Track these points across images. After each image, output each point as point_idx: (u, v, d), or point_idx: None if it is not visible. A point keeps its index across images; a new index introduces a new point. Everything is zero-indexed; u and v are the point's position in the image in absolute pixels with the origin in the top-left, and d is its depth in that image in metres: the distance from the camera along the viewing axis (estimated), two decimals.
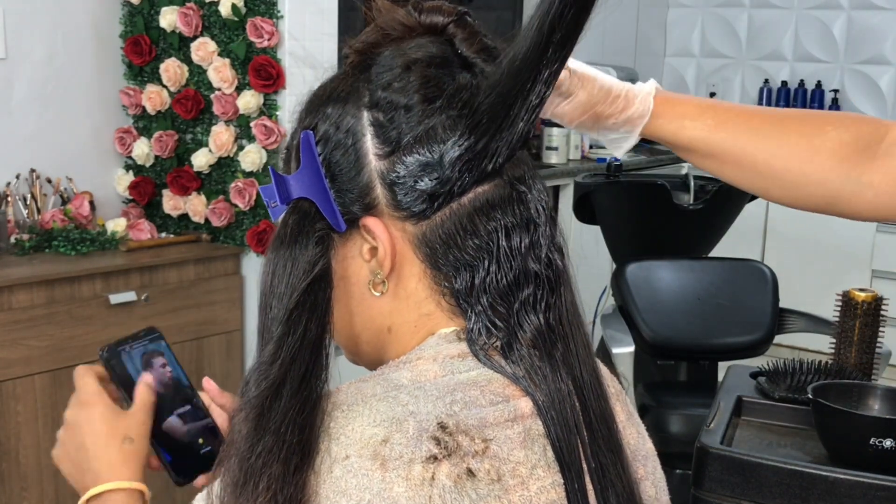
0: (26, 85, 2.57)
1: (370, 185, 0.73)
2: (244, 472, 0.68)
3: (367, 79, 0.74)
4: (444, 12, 0.75)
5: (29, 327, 2.19)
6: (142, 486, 0.85)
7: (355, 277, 0.76)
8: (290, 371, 0.69)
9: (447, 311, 0.74)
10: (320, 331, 0.71)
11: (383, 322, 0.76)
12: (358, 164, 0.73)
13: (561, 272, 0.74)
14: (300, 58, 2.53)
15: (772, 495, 1.47)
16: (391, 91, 0.73)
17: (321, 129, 0.75)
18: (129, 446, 0.86)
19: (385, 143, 0.72)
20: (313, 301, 0.71)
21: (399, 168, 0.72)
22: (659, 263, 2.56)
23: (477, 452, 0.67)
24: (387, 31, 0.76)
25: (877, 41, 4.61)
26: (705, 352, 2.53)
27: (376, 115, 0.73)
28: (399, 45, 0.75)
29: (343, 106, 0.74)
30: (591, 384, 0.74)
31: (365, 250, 0.74)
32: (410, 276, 0.74)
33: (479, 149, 0.71)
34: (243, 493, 0.67)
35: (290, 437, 0.67)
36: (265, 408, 0.69)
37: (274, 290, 0.72)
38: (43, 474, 2.25)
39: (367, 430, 0.66)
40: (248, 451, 0.68)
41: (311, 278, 0.71)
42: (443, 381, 0.70)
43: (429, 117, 0.71)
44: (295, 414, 0.68)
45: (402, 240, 0.73)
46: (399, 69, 0.73)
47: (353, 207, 0.74)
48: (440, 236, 0.72)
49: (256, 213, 2.59)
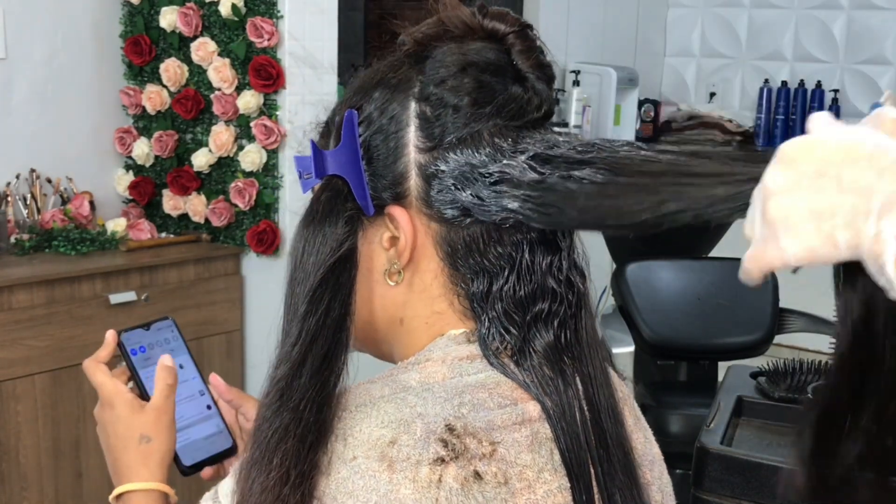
0: (26, 85, 2.56)
1: (405, 175, 0.73)
2: (260, 446, 0.69)
3: (421, 70, 0.74)
4: (507, 21, 0.75)
5: (29, 327, 2.19)
6: (160, 486, 0.86)
7: (373, 264, 0.76)
8: (312, 350, 0.70)
9: (459, 312, 0.74)
10: (343, 311, 0.72)
11: (395, 313, 0.76)
12: (396, 153, 0.73)
13: (581, 294, 0.75)
14: (300, 58, 2.53)
15: (772, 495, 1.47)
16: (444, 88, 0.73)
17: (366, 111, 0.75)
18: (146, 445, 0.87)
19: (428, 137, 0.73)
20: (337, 280, 0.72)
21: (438, 164, 0.72)
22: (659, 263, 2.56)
23: (484, 455, 0.67)
24: (448, 28, 0.75)
25: (877, 41, 4.61)
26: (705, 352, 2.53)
27: (424, 108, 0.73)
28: (459, 45, 0.75)
29: (392, 92, 0.74)
30: (609, 408, 0.74)
31: (385, 238, 0.74)
32: (427, 271, 0.74)
33: (527, 209, 0.69)
34: (257, 468, 0.68)
35: (308, 414, 0.68)
36: (286, 386, 0.69)
37: (303, 265, 0.73)
38: (43, 474, 2.25)
39: (375, 432, 0.66)
40: (267, 427, 0.69)
41: (337, 256, 0.72)
42: (451, 384, 0.70)
43: (475, 121, 0.72)
44: (314, 392, 0.68)
45: (425, 234, 0.74)
46: (455, 68, 0.73)
47: (383, 194, 0.74)
48: (464, 239, 0.73)
49: (256, 213, 2.58)
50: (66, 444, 2.28)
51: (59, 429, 2.26)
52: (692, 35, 5.10)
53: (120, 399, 0.89)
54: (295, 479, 0.66)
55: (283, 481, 0.66)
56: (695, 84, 5.13)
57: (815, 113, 0.56)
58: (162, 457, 0.87)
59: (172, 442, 0.89)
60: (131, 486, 0.85)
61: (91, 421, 2.42)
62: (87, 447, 2.32)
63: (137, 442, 0.87)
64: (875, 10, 4.60)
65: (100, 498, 2.36)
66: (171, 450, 0.88)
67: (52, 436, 2.25)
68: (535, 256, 0.73)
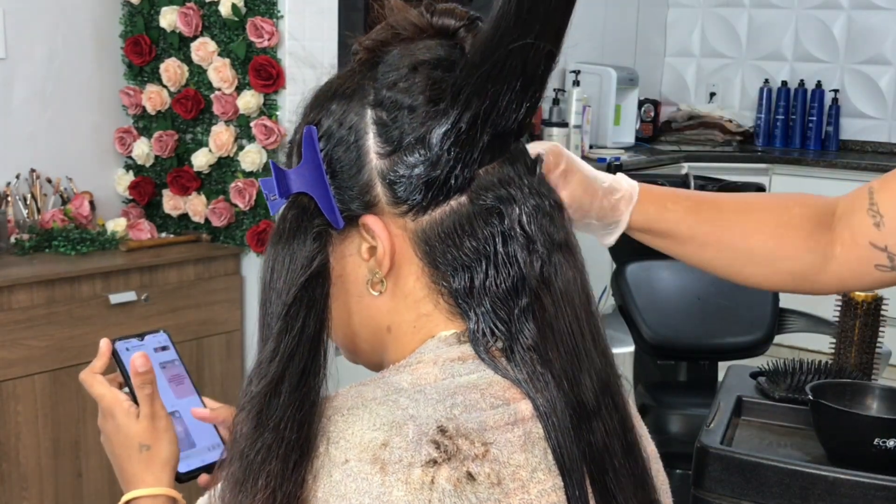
0: (26, 85, 2.56)
1: (370, 184, 0.73)
2: (244, 468, 0.68)
3: (374, 77, 0.74)
4: (456, 16, 0.75)
5: (29, 327, 2.19)
6: (166, 491, 0.86)
7: (353, 276, 0.75)
8: (289, 368, 0.70)
9: (445, 311, 0.74)
10: (318, 327, 0.71)
11: (382, 321, 0.76)
12: (359, 162, 0.73)
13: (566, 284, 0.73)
14: (300, 58, 2.53)
15: (772, 495, 1.47)
16: (396, 91, 0.72)
17: (324, 125, 0.75)
18: (146, 453, 0.87)
19: (387, 142, 0.72)
20: (311, 297, 0.71)
21: (399, 168, 0.72)
22: (659, 263, 2.56)
23: (477, 456, 0.67)
24: (397, 31, 0.75)
25: (877, 41, 4.61)
26: (705, 352, 2.53)
27: (380, 113, 0.73)
28: (408, 46, 0.74)
29: (348, 103, 0.74)
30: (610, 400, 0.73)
31: (364, 249, 0.74)
32: (409, 275, 0.74)
33: (462, 126, 0.70)
34: (242, 490, 0.67)
35: (290, 433, 0.67)
36: (264, 405, 0.69)
37: (273, 285, 0.73)
38: (43, 474, 2.25)
39: (367, 434, 0.66)
40: (249, 447, 0.68)
41: (308, 274, 0.72)
42: (443, 385, 0.69)
43: (432, 119, 0.71)
44: (294, 411, 0.68)
45: (402, 238, 0.73)
46: (406, 69, 0.73)
47: (352, 205, 0.74)
48: (439, 234, 0.72)
49: (256, 213, 2.59)
50: (66, 444, 2.28)
51: (59, 429, 2.26)
52: (692, 35, 5.10)
53: (119, 409, 0.89)
54: (281, 499, 0.66)
55: (269, 502, 0.66)
56: (695, 84, 5.13)
57: None
58: (164, 461, 0.87)
59: (173, 444, 0.89)
60: (137, 493, 0.86)
61: (91, 421, 2.43)
62: (87, 447, 2.32)
63: (138, 451, 0.87)
64: (875, 10, 4.60)
65: (100, 498, 2.36)
66: (173, 452, 0.88)
67: (52, 436, 2.25)
68: (509, 248, 0.72)
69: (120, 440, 0.88)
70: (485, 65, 0.68)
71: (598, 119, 4.35)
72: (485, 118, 0.70)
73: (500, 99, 0.69)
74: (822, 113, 4.71)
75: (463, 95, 0.70)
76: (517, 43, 0.67)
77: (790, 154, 4.59)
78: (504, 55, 0.68)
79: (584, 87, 4.13)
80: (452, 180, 0.71)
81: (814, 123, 4.70)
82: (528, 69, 0.69)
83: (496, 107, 0.69)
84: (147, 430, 0.88)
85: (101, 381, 0.91)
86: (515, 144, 0.74)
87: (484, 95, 0.69)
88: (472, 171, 0.71)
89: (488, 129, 0.70)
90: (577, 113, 4.03)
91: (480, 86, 0.69)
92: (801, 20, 4.81)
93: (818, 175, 4.31)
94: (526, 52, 0.68)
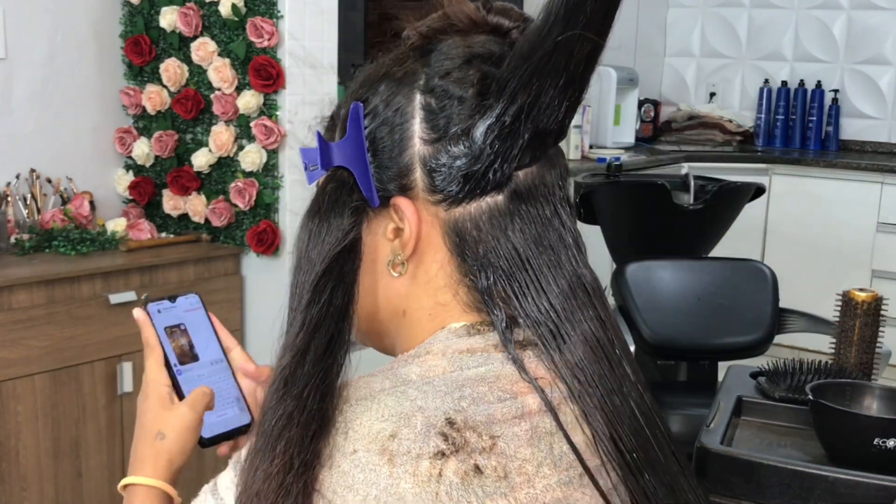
0: (26, 85, 2.57)
1: (410, 167, 0.74)
2: (264, 434, 0.69)
3: (426, 63, 0.75)
4: (511, 16, 0.76)
5: (29, 327, 2.19)
6: (162, 485, 0.85)
7: (376, 255, 0.76)
8: (315, 338, 0.71)
9: (463, 303, 0.74)
10: (346, 300, 0.72)
11: (399, 304, 0.77)
12: (402, 145, 0.74)
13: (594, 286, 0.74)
14: (300, 58, 2.53)
15: (772, 495, 1.47)
16: (448, 80, 0.73)
17: (372, 104, 0.75)
18: (160, 442, 0.87)
19: (433, 129, 0.73)
20: (341, 270, 0.73)
21: (441, 157, 0.72)
22: (659, 263, 2.56)
23: (484, 449, 0.67)
24: (453, 22, 0.76)
25: (877, 41, 4.61)
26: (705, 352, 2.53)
27: (429, 100, 0.73)
28: (463, 38, 0.75)
29: (397, 85, 0.75)
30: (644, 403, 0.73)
31: (389, 230, 0.75)
32: (433, 262, 0.74)
33: (507, 120, 0.70)
34: (261, 455, 0.69)
35: (312, 403, 0.68)
36: (289, 375, 0.70)
37: (308, 255, 0.74)
38: (43, 474, 2.25)
39: (376, 425, 0.66)
40: (271, 414, 0.69)
41: (342, 247, 0.73)
42: (451, 377, 0.70)
43: (479, 113, 0.72)
44: (318, 381, 0.69)
45: (432, 224, 0.74)
46: (460, 60, 0.74)
47: (389, 185, 0.74)
48: (470, 228, 0.73)
49: (256, 213, 2.59)
50: (66, 444, 2.28)
51: (59, 429, 2.26)
52: (692, 35, 5.10)
53: (154, 391, 0.89)
54: (298, 467, 0.67)
55: (286, 469, 0.67)
56: (695, 84, 5.13)
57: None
58: (171, 457, 0.86)
59: (186, 445, 0.88)
60: (135, 480, 0.85)
61: (91, 421, 2.42)
62: (87, 447, 2.32)
63: (154, 437, 0.87)
64: (875, 10, 4.60)
65: (100, 498, 2.36)
66: (183, 452, 0.87)
67: (52, 436, 2.25)
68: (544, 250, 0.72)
69: (144, 421, 0.88)
70: (532, 57, 0.69)
71: (598, 119, 4.35)
72: (528, 113, 0.70)
73: (544, 95, 0.70)
74: (822, 113, 4.71)
75: (509, 88, 0.70)
76: (564, 35, 0.67)
77: (790, 154, 4.58)
78: (551, 48, 0.68)
79: None
80: (490, 175, 0.72)
81: (814, 123, 4.70)
82: (571, 66, 0.69)
83: (539, 102, 0.70)
84: (173, 421, 0.87)
85: (158, 357, 0.90)
86: (554, 149, 0.75)
87: (529, 89, 0.69)
88: (511, 168, 0.72)
89: (530, 125, 0.71)
90: (577, 113, 4.02)
91: (527, 79, 0.69)
92: (801, 20, 4.80)
93: (818, 175, 4.31)
94: (571, 48, 0.68)
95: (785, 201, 4.36)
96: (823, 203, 4.28)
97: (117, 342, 2.34)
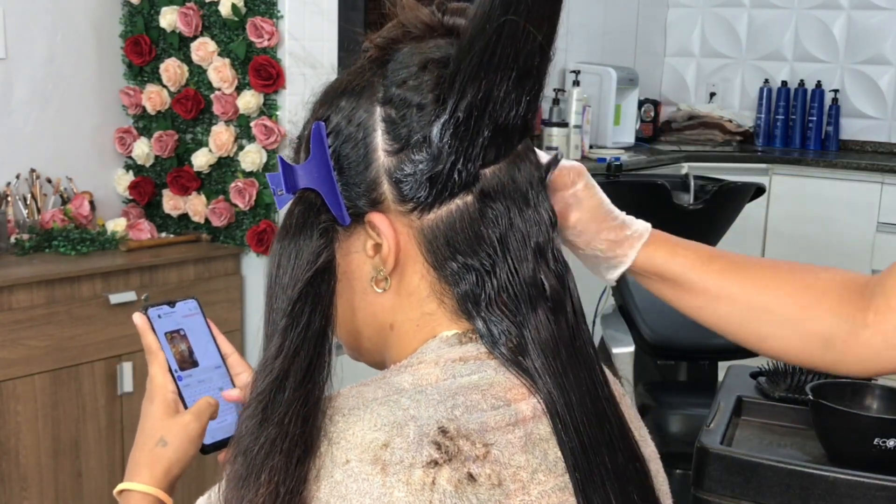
0: (26, 85, 2.57)
1: (377, 181, 0.73)
2: (247, 464, 0.68)
3: (383, 74, 0.74)
4: (467, 15, 0.74)
5: (29, 327, 2.19)
6: (157, 493, 0.85)
7: (358, 273, 0.75)
8: (294, 364, 0.70)
9: (450, 311, 0.74)
10: (323, 323, 0.71)
11: (385, 319, 0.76)
12: (367, 159, 0.73)
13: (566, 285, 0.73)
14: (300, 58, 2.53)
15: (772, 495, 1.47)
16: (405, 88, 0.72)
17: (333, 121, 0.75)
18: (160, 448, 0.86)
19: (395, 139, 0.72)
20: (316, 293, 0.71)
21: (406, 166, 0.71)
22: None
23: (478, 457, 0.66)
24: (408, 29, 0.75)
25: (877, 41, 4.61)
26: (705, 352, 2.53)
27: (389, 111, 0.72)
28: (418, 44, 0.74)
29: (357, 100, 0.74)
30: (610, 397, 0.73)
31: (369, 246, 0.74)
32: (413, 273, 0.74)
33: (460, 116, 0.69)
34: (245, 485, 0.67)
35: (294, 428, 0.67)
36: (269, 401, 0.69)
37: (279, 281, 0.73)
38: (43, 474, 2.25)
39: (368, 435, 0.66)
40: (252, 443, 0.68)
41: (314, 269, 0.72)
42: (444, 385, 0.69)
43: (440, 117, 0.71)
44: (299, 406, 0.68)
45: (408, 236, 0.73)
46: (415, 67, 0.73)
47: (359, 202, 0.74)
48: (445, 233, 0.72)
49: (256, 213, 2.59)
50: (66, 444, 2.28)
51: (59, 429, 2.26)
52: (692, 35, 5.10)
53: (160, 396, 0.88)
54: (284, 495, 0.65)
55: (272, 498, 0.66)
56: (695, 84, 5.13)
57: None
58: (170, 465, 0.86)
59: (187, 454, 0.87)
60: (130, 486, 0.85)
61: (91, 421, 2.42)
62: (87, 447, 2.32)
63: (155, 443, 0.86)
64: (875, 10, 4.60)
65: (100, 498, 2.36)
66: (182, 461, 0.87)
67: (52, 436, 2.25)
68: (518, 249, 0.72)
69: (146, 426, 0.87)
70: (474, 48, 0.68)
71: (598, 119, 4.35)
72: (482, 109, 0.69)
73: (496, 89, 0.69)
74: (822, 113, 4.71)
75: (458, 82, 0.69)
76: (501, 23, 0.67)
77: (790, 154, 4.59)
78: (494, 39, 0.67)
79: (584, 87, 4.13)
80: (455, 175, 0.71)
81: (814, 123, 4.70)
82: (521, 59, 0.68)
83: (492, 97, 0.69)
84: (176, 429, 0.86)
85: (162, 362, 0.89)
86: (522, 145, 0.74)
87: (478, 83, 0.69)
88: (475, 166, 0.71)
89: (488, 121, 0.70)
90: (577, 113, 4.02)
91: (473, 72, 0.69)
92: (801, 20, 4.81)
93: (818, 175, 4.31)
94: (517, 40, 0.68)
95: (785, 201, 4.36)
96: (823, 203, 4.28)
97: (117, 342, 2.34)
